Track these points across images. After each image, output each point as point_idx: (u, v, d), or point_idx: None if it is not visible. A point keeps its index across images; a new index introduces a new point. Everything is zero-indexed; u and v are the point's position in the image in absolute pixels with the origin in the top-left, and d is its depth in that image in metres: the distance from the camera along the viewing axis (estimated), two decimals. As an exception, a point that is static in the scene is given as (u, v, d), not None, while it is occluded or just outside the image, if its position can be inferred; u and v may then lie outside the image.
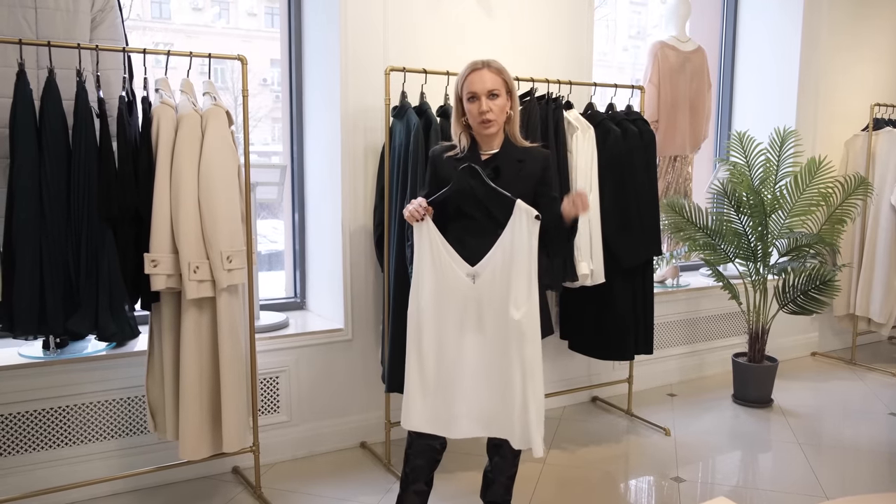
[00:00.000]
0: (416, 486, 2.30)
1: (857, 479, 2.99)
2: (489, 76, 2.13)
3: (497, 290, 2.12)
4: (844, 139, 4.76)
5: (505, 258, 2.11)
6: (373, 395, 3.25)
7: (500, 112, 2.15)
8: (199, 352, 2.42)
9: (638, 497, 2.86)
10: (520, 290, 2.10)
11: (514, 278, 2.10)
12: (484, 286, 2.13)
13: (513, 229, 2.10)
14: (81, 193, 2.29)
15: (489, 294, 2.13)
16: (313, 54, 3.29)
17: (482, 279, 2.12)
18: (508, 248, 2.11)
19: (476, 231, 2.17)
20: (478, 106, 2.13)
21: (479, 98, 2.13)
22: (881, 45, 4.93)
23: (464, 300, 2.14)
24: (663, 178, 4.07)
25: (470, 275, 2.13)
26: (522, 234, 2.09)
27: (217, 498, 2.73)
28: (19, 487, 2.54)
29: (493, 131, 2.18)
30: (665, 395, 4.03)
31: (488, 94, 2.12)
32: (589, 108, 3.29)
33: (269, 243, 4.03)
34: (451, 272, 2.14)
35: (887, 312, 4.47)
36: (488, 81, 2.13)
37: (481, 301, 2.14)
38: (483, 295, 2.13)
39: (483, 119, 2.14)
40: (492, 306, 2.13)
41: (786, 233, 3.82)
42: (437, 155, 2.28)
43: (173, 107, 2.37)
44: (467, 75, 2.16)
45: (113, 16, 2.62)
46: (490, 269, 2.12)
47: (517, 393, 2.12)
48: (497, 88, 2.14)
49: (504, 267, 2.11)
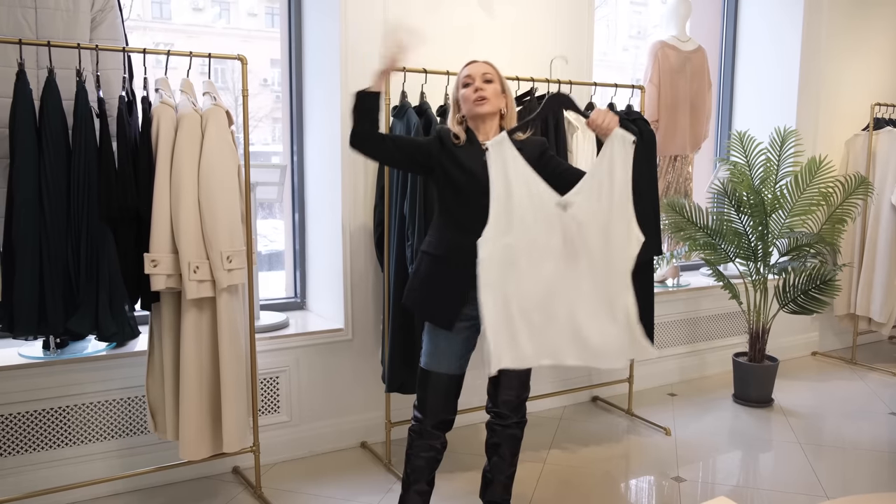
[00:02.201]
0: (418, 487, 2.30)
1: (857, 478, 2.99)
2: (485, 65, 2.25)
3: (592, 218, 2.05)
4: (845, 139, 4.76)
5: (599, 185, 2.05)
6: (373, 395, 3.25)
7: (493, 95, 2.20)
8: (199, 352, 2.42)
9: (638, 497, 2.86)
10: (620, 217, 2.06)
11: (613, 207, 2.05)
12: (577, 215, 2.05)
13: (611, 156, 2.06)
14: (81, 193, 2.29)
15: (583, 222, 2.05)
16: (313, 54, 3.29)
17: (574, 208, 2.05)
18: (603, 175, 2.05)
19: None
20: (472, 87, 2.19)
21: (474, 80, 2.20)
22: (881, 44, 4.93)
23: (552, 230, 2.05)
24: (663, 177, 4.07)
25: (561, 204, 2.05)
26: (619, 160, 2.05)
27: (217, 498, 2.73)
28: (20, 487, 2.54)
29: (488, 110, 2.19)
30: (665, 394, 4.03)
31: (483, 78, 2.20)
32: (589, 108, 3.29)
33: (269, 243, 4.03)
34: (538, 200, 2.05)
35: (888, 312, 4.47)
36: (483, 68, 2.23)
37: (575, 230, 2.05)
38: (576, 223, 2.05)
39: (477, 96, 2.17)
40: (587, 235, 2.06)
41: (786, 232, 3.82)
42: (445, 133, 2.24)
43: (173, 107, 2.37)
44: (463, 69, 2.26)
45: (113, 16, 2.62)
46: (583, 197, 2.05)
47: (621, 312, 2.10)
48: (491, 74, 2.22)
49: (597, 194, 2.05)
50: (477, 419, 3.30)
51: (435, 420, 2.24)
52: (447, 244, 2.19)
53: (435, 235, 2.25)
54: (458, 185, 2.17)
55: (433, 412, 2.24)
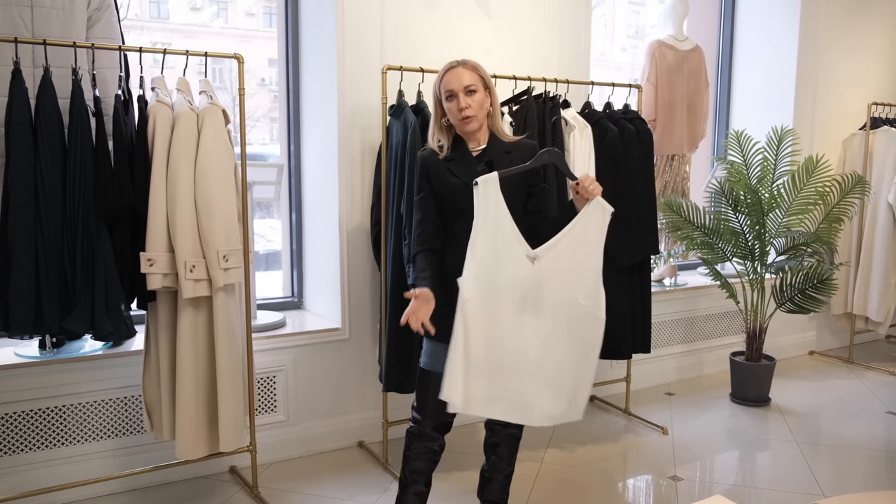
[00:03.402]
0: (415, 488, 2.30)
1: (854, 477, 3.00)
2: (465, 73, 2.15)
3: (559, 276, 2.10)
4: (842, 138, 4.76)
5: (570, 246, 2.09)
6: (370, 395, 3.25)
7: (479, 107, 2.16)
8: (196, 351, 2.41)
9: (636, 496, 2.86)
10: (587, 282, 2.10)
11: (581, 269, 2.09)
12: (544, 271, 2.09)
13: (587, 221, 2.09)
14: (77, 192, 2.28)
15: (549, 280, 2.10)
16: (311, 54, 3.28)
17: (543, 263, 2.09)
18: (577, 238, 2.09)
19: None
20: (456, 103, 2.14)
21: (457, 95, 2.14)
22: (878, 44, 4.93)
23: (519, 281, 2.10)
24: (661, 177, 4.07)
25: (530, 257, 2.10)
26: (596, 229, 2.09)
27: (214, 497, 2.73)
28: (16, 487, 2.54)
29: (475, 127, 2.18)
30: (663, 394, 4.03)
31: (465, 91, 2.14)
32: (586, 107, 3.29)
33: (266, 243, 4.03)
34: (513, 250, 2.09)
35: (885, 311, 4.48)
36: (464, 78, 2.14)
37: (540, 285, 2.10)
38: (542, 279, 2.10)
39: (463, 116, 2.14)
40: (552, 291, 2.10)
41: (783, 231, 3.83)
42: (430, 158, 2.23)
43: (170, 105, 2.37)
44: (443, 76, 2.18)
45: (109, 14, 2.62)
46: (553, 254, 2.09)
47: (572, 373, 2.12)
48: (473, 84, 2.15)
49: (568, 255, 2.09)
50: (475, 418, 3.30)
51: (434, 422, 2.24)
52: (452, 261, 2.16)
53: None
54: (455, 202, 2.17)
55: (432, 413, 2.23)
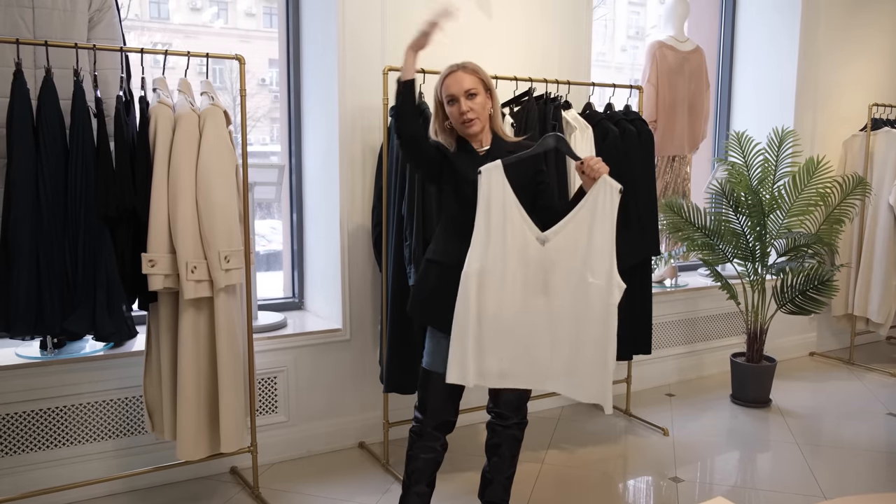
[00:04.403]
0: (418, 488, 2.30)
1: (855, 479, 2.99)
2: (465, 77, 2.17)
3: (569, 257, 2.10)
4: (842, 139, 4.76)
5: (579, 226, 2.09)
6: (371, 396, 3.25)
7: (480, 109, 2.17)
8: (197, 352, 2.41)
9: (636, 497, 2.86)
10: (600, 261, 2.08)
11: (591, 248, 2.08)
12: (553, 252, 2.10)
13: (594, 200, 2.08)
14: (79, 193, 2.28)
15: (559, 260, 2.10)
16: (311, 54, 3.28)
17: (552, 245, 2.10)
18: (586, 217, 2.08)
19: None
20: (458, 107, 2.16)
21: (458, 99, 2.15)
22: (879, 45, 4.93)
23: (528, 263, 2.11)
24: (661, 178, 4.07)
25: (539, 239, 2.11)
26: (605, 207, 2.08)
27: (215, 498, 2.73)
28: (17, 488, 2.54)
29: (477, 129, 2.19)
30: (663, 395, 4.03)
31: (466, 95, 2.15)
32: (587, 108, 3.29)
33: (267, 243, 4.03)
34: (520, 232, 2.10)
35: (885, 312, 4.48)
36: (465, 82, 2.16)
37: (550, 266, 2.11)
38: (552, 260, 2.10)
39: (465, 119, 2.16)
40: (562, 272, 2.10)
41: (784, 233, 3.83)
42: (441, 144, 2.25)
43: (171, 106, 2.37)
44: (444, 80, 2.19)
45: (110, 15, 2.62)
46: (563, 235, 2.10)
47: (597, 351, 2.10)
48: (474, 87, 2.16)
49: (578, 235, 2.09)
50: (477, 419, 3.30)
51: (436, 421, 2.24)
52: (454, 252, 2.16)
53: (440, 244, 2.24)
54: (460, 194, 2.18)
55: (434, 413, 2.23)
